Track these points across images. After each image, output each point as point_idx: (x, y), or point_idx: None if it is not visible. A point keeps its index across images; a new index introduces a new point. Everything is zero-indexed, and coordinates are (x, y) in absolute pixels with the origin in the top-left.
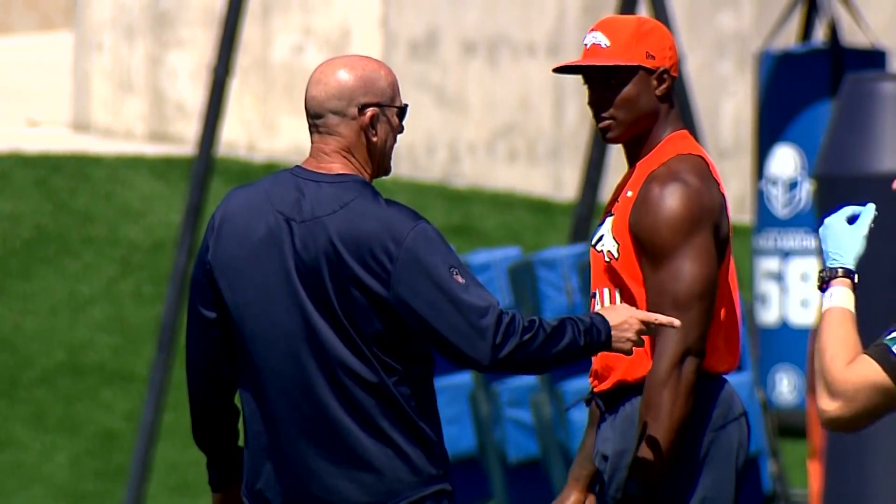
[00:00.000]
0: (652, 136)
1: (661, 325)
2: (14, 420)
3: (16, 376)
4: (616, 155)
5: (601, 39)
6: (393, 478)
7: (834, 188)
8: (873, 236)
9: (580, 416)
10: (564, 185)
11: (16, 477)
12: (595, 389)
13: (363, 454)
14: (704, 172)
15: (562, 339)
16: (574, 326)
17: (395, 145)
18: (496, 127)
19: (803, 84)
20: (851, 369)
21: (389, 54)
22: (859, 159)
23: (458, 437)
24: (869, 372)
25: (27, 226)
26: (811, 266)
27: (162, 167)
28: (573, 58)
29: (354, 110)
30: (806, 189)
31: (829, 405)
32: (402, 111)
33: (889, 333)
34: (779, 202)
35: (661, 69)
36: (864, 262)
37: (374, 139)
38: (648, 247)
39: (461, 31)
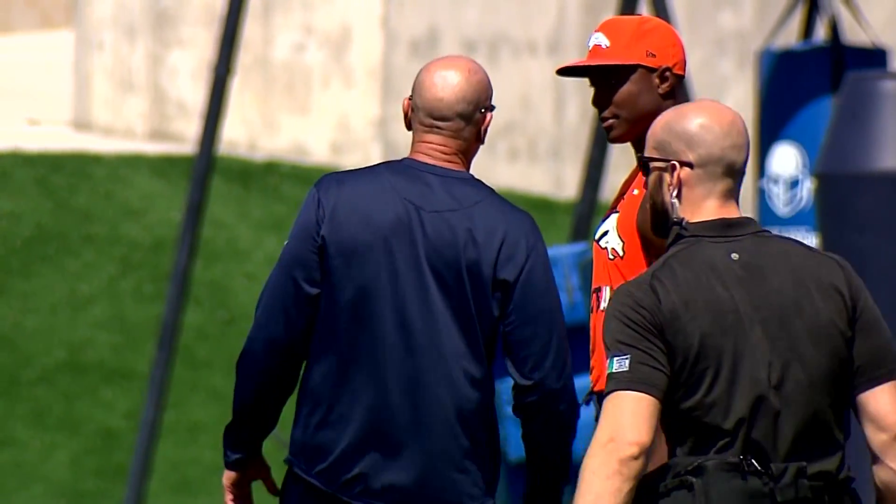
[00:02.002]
0: None
1: None
2: (14, 419)
3: (16, 375)
4: (616, 154)
5: (602, 40)
6: (472, 480)
7: (835, 186)
8: (875, 235)
9: (582, 414)
10: (565, 183)
11: (16, 476)
12: (595, 389)
13: (459, 452)
14: None
15: (558, 475)
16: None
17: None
18: (497, 125)
19: (804, 82)
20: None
21: (390, 53)
22: (860, 158)
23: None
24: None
25: (28, 224)
26: None
27: (163, 166)
28: (573, 57)
29: (479, 115)
30: (807, 187)
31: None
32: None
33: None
34: (780, 200)
35: (663, 67)
36: (865, 260)
37: (483, 139)
38: (658, 244)
39: (462, 29)
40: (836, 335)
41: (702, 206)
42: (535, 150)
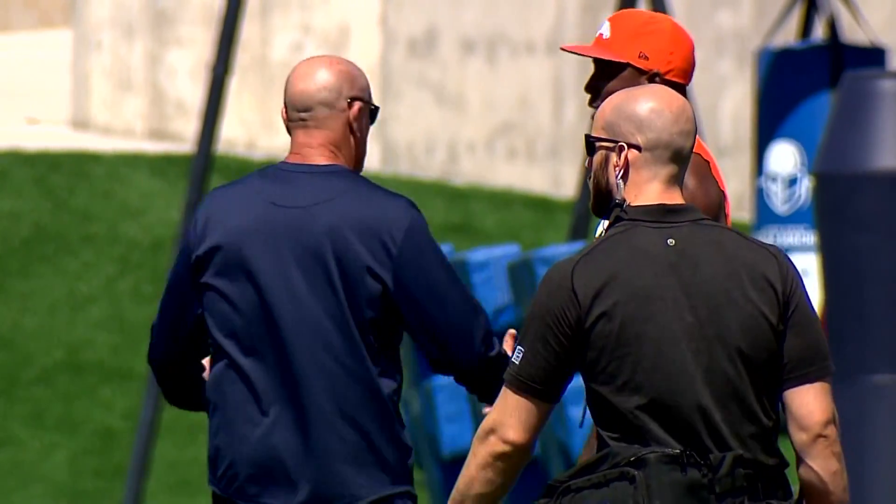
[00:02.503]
0: None
1: None
2: (13, 418)
3: (15, 375)
4: None
5: (605, 30)
6: (365, 472)
7: (833, 185)
8: (873, 233)
9: (579, 413)
10: (563, 183)
11: (15, 475)
12: None
13: (342, 444)
14: (703, 171)
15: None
16: None
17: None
18: (495, 125)
19: (803, 81)
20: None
21: (388, 52)
22: (858, 157)
23: (457, 435)
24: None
25: (26, 224)
26: (811, 263)
27: (161, 165)
28: (572, 56)
29: (344, 103)
30: (805, 186)
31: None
32: (375, 111)
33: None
34: (778, 199)
35: (653, 72)
36: (863, 259)
37: (359, 134)
38: None
39: (460, 29)
40: (766, 328)
41: (645, 189)
42: (534, 150)
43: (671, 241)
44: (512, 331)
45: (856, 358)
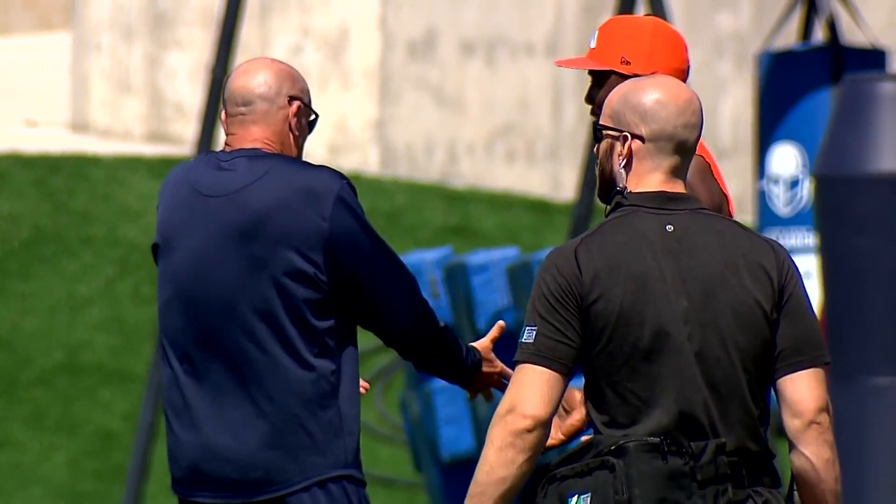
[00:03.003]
0: None
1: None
2: (12, 420)
3: (14, 376)
4: None
5: (592, 40)
6: (298, 458)
7: (833, 188)
8: (873, 235)
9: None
10: (563, 185)
11: (14, 477)
12: None
13: (272, 431)
14: (705, 172)
15: (455, 344)
16: (461, 342)
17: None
18: (494, 127)
19: (803, 82)
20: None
21: (387, 54)
22: (858, 159)
23: (456, 437)
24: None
25: (25, 226)
26: (813, 264)
27: (160, 167)
28: (571, 57)
29: (283, 100)
30: (807, 187)
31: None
32: (315, 119)
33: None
34: (780, 200)
35: (636, 76)
36: (863, 261)
37: (297, 132)
38: None
39: (459, 31)
40: (759, 315)
41: (647, 179)
42: (533, 152)
43: (670, 228)
44: (501, 322)
45: (856, 359)
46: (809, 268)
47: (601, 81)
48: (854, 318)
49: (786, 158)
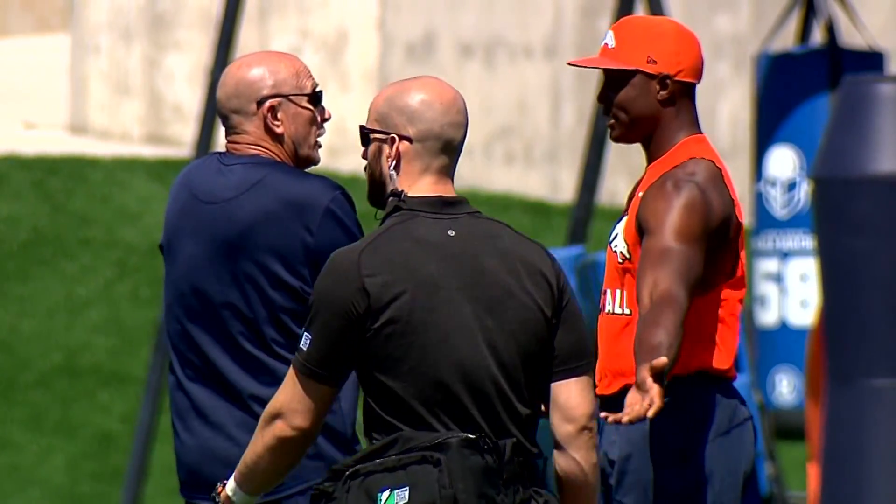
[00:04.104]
0: (663, 140)
1: None
2: (11, 422)
3: (13, 378)
4: (613, 157)
5: (610, 39)
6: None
7: (831, 190)
8: (872, 238)
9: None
10: (561, 187)
11: (13, 479)
12: (597, 392)
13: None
14: (717, 177)
15: None
16: None
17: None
18: (493, 129)
19: (801, 85)
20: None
21: (386, 56)
22: (856, 161)
23: None
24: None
25: (24, 228)
26: (810, 267)
27: (159, 169)
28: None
29: (252, 107)
30: (805, 190)
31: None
32: (314, 97)
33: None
34: (777, 203)
35: (663, 75)
36: (861, 264)
37: (279, 130)
38: (649, 230)
39: (458, 33)
40: (541, 320)
41: (418, 181)
42: (532, 154)
43: (451, 232)
44: None
45: (854, 362)
46: (808, 270)
47: (622, 82)
48: (852, 320)
49: (783, 161)
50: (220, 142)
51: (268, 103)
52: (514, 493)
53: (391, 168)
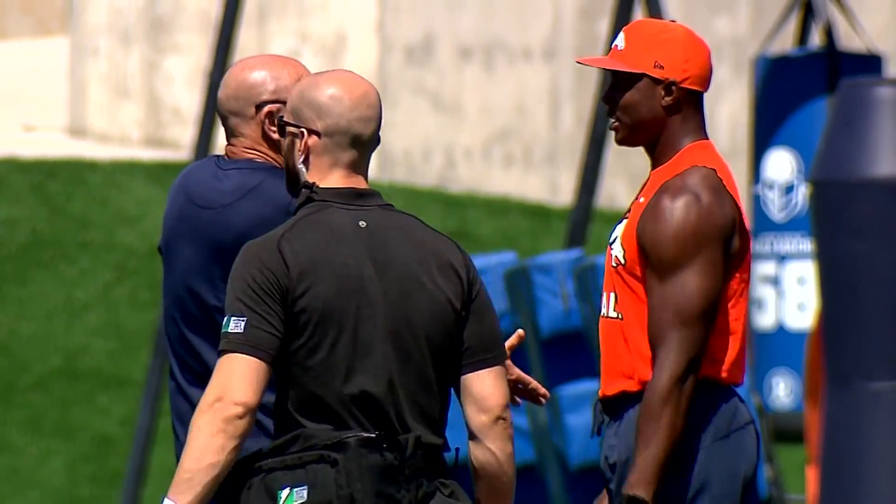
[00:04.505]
0: (667, 145)
1: None
2: (10, 425)
3: (12, 381)
4: (612, 160)
5: (620, 41)
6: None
7: (829, 193)
8: (870, 240)
9: (576, 421)
10: (560, 190)
11: (12, 482)
12: (599, 394)
13: (263, 433)
14: (718, 186)
15: None
16: None
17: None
18: (492, 132)
19: (800, 88)
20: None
21: (385, 59)
22: (854, 164)
23: (454, 442)
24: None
25: (23, 231)
26: (808, 270)
27: (158, 172)
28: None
29: (252, 110)
30: (802, 193)
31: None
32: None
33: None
34: (775, 206)
35: (669, 81)
36: (859, 267)
37: (275, 136)
38: (654, 258)
39: (457, 36)
40: (450, 312)
41: (329, 175)
42: (531, 157)
43: (362, 224)
44: (521, 331)
45: (853, 364)
46: (806, 273)
47: (629, 84)
48: (851, 322)
49: (781, 164)
50: (220, 144)
51: (266, 108)
52: (418, 488)
53: (300, 162)
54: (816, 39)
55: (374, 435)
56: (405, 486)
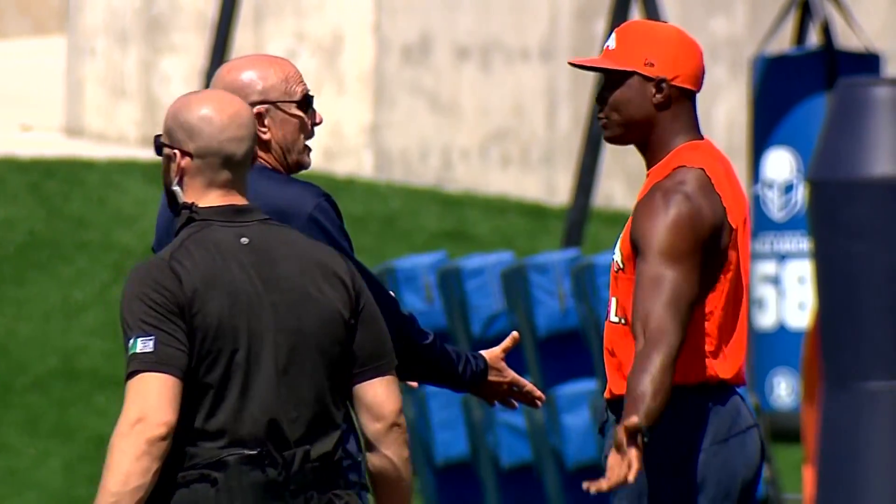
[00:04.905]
0: (660, 145)
1: (532, 401)
2: (7, 426)
3: (9, 382)
4: (609, 160)
5: (611, 41)
6: None
7: (827, 193)
8: (869, 238)
9: (573, 420)
10: (557, 190)
11: (9, 483)
12: (606, 395)
13: None
14: (706, 187)
15: (444, 358)
16: (456, 353)
17: (312, 139)
18: (489, 132)
19: (798, 87)
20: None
21: (382, 59)
22: (852, 163)
23: (451, 441)
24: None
25: (20, 231)
26: (808, 269)
27: (155, 172)
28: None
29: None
30: (801, 192)
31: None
32: (303, 102)
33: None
34: (775, 205)
35: (659, 78)
36: (857, 267)
37: (265, 136)
38: (641, 252)
39: (454, 36)
40: (339, 323)
41: (205, 195)
42: (528, 157)
43: (245, 240)
44: (515, 334)
45: (850, 364)
46: (805, 272)
47: (618, 83)
48: (848, 322)
49: (780, 163)
50: None
51: (255, 109)
52: (307, 502)
53: (175, 183)
54: (814, 39)
55: (254, 452)
56: (290, 502)
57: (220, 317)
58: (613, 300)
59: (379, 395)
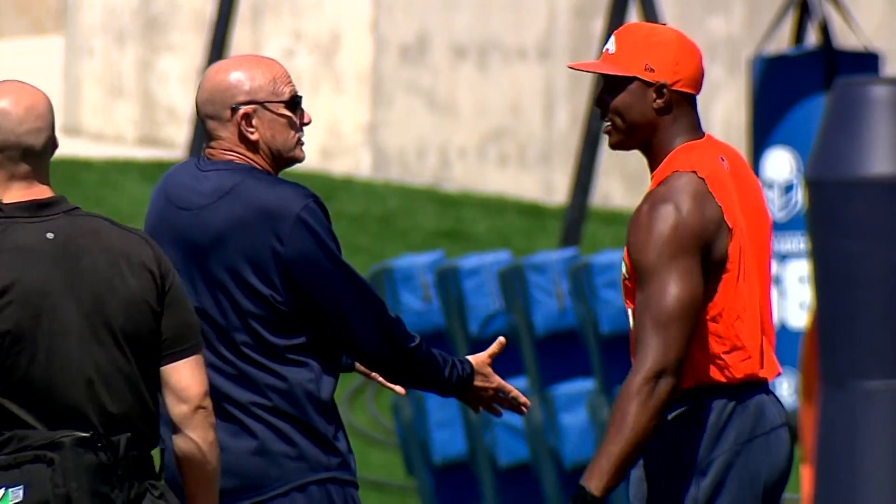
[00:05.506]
0: (660, 148)
1: (511, 404)
2: None
3: None
4: (606, 160)
5: (610, 45)
6: (276, 464)
7: (825, 192)
8: (865, 240)
9: (570, 420)
10: (555, 189)
11: None
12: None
13: (248, 439)
14: (699, 191)
15: (431, 363)
16: (443, 358)
17: (302, 137)
18: (487, 131)
19: (797, 87)
20: None
21: (380, 58)
22: (851, 163)
23: (448, 441)
24: None
25: None
26: (808, 268)
27: (152, 171)
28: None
29: (228, 112)
30: (801, 192)
31: None
32: (291, 102)
33: None
34: (775, 205)
35: (660, 83)
36: (855, 266)
37: (253, 137)
38: (635, 265)
39: (452, 35)
40: (147, 311)
41: (8, 190)
42: (526, 156)
43: (50, 235)
44: (501, 339)
45: (847, 363)
46: (806, 272)
47: (619, 88)
48: (846, 322)
49: (780, 163)
50: None
51: (242, 110)
52: (130, 489)
53: None
54: (812, 38)
55: (88, 434)
56: (118, 486)
57: (19, 320)
58: (629, 309)
59: (184, 377)
